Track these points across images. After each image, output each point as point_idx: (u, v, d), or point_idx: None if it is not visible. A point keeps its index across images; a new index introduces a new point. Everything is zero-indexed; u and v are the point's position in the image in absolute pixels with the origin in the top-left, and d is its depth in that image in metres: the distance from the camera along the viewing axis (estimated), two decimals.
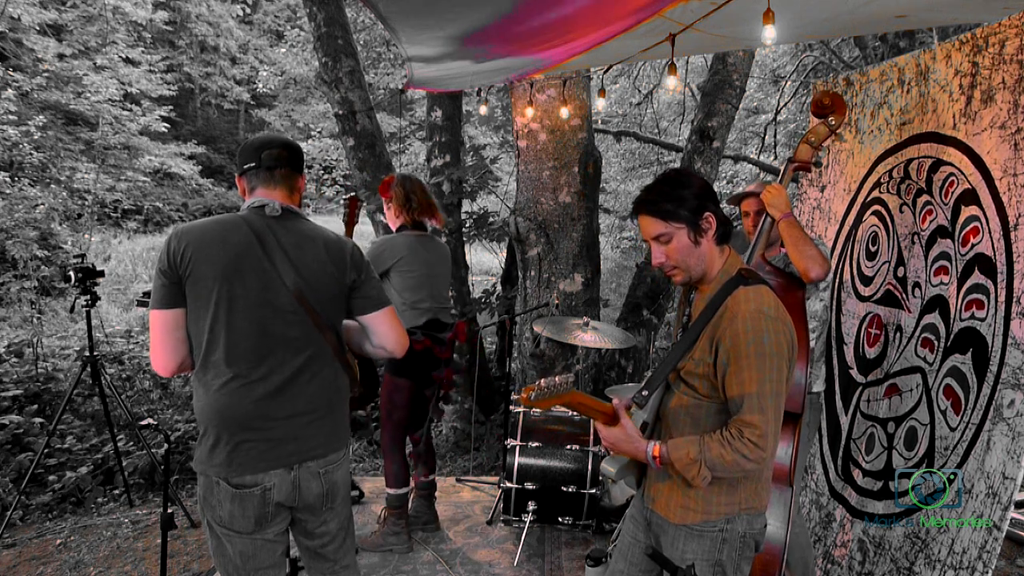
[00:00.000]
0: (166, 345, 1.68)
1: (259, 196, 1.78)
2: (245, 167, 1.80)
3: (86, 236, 10.15)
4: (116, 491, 4.01)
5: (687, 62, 7.88)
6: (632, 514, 1.79)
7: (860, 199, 2.92)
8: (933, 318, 2.35)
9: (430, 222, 3.18)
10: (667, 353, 1.66)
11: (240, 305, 1.68)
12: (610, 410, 1.61)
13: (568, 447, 3.29)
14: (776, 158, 8.95)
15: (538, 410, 3.47)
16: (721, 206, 1.64)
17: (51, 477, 3.93)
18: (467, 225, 6.10)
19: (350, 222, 3.09)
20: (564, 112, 4.02)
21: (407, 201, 3.08)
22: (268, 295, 1.71)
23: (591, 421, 3.26)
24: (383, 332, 1.89)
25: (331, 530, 1.90)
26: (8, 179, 9.26)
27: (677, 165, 6.09)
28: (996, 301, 2.07)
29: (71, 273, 3.40)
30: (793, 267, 2.32)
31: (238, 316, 1.68)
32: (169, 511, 2.52)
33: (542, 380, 1.50)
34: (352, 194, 3.34)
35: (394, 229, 3.15)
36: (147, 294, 2.57)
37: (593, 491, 3.25)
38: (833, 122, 2.21)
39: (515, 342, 4.75)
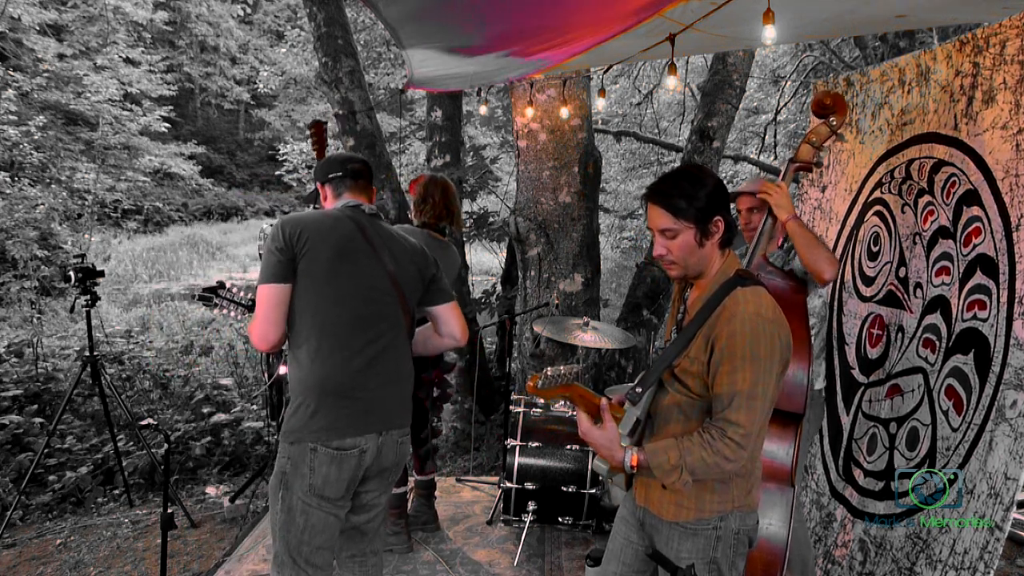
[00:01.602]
0: (271, 318, 1.85)
1: (348, 198, 2.04)
2: (331, 176, 2.06)
3: (86, 236, 10.14)
4: (116, 491, 4.01)
5: (687, 62, 7.88)
6: (624, 515, 1.79)
7: (861, 199, 2.92)
8: (935, 318, 2.35)
9: (449, 227, 3.20)
10: (662, 351, 1.66)
11: (348, 284, 1.89)
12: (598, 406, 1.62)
13: (568, 447, 3.28)
14: (776, 158, 8.95)
15: (539, 409, 3.47)
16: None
17: (51, 477, 3.93)
18: (467, 225, 6.10)
19: (320, 149, 3.13)
20: (564, 112, 4.01)
21: (423, 202, 3.13)
22: (370, 277, 1.94)
23: None
24: (452, 321, 2.14)
25: (382, 502, 2.09)
26: (8, 179, 9.25)
27: (678, 165, 6.08)
28: (998, 302, 2.07)
29: (71, 273, 3.40)
30: (793, 265, 2.32)
31: (346, 293, 1.89)
32: (169, 511, 2.53)
33: (548, 369, 1.52)
34: (316, 119, 3.35)
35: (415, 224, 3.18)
36: (207, 289, 2.63)
37: (593, 491, 3.24)
38: (834, 122, 2.20)
39: (515, 342, 4.75)
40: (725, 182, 11.29)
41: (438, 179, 3.19)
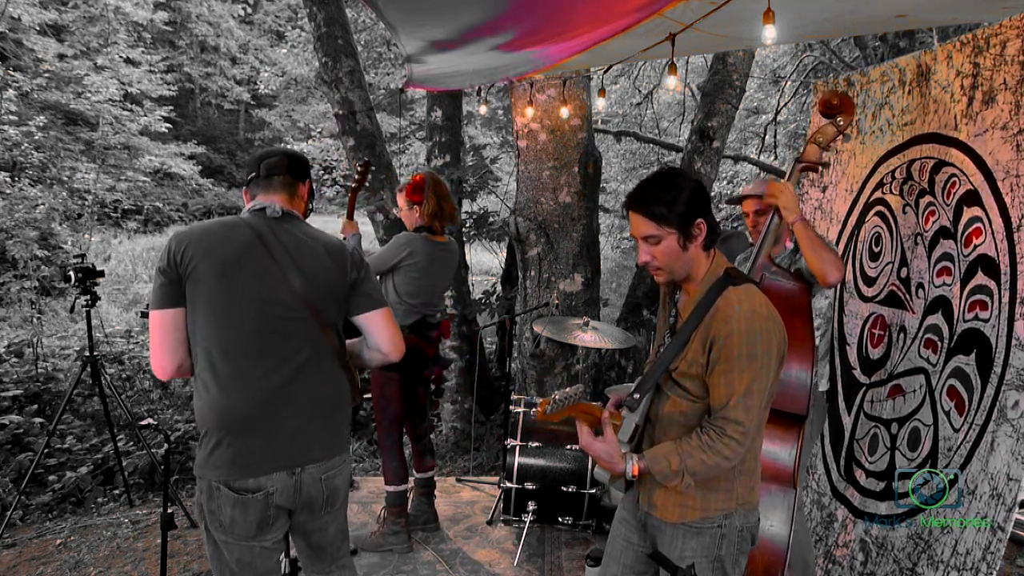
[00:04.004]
0: (165, 346, 1.67)
1: (259, 201, 1.81)
2: (248, 178, 1.85)
3: (86, 236, 10.14)
4: (116, 491, 4.01)
5: (687, 62, 7.88)
6: (624, 516, 1.78)
7: (863, 200, 2.92)
8: (936, 319, 2.35)
9: (443, 224, 3.14)
10: (657, 355, 1.65)
11: (241, 303, 1.67)
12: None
13: (568, 447, 3.28)
14: (776, 158, 8.95)
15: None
16: (721, 206, 1.63)
17: (51, 477, 3.93)
18: (467, 225, 6.09)
19: (357, 188, 3.11)
20: (564, 112, 4.01)
21: (439, 210, 3.05)
22: (270, 292, 1.70)
23: None
24: (379, 331, 1.88)
25: (330, 534, 1.91)
26: (8, 179, 9.24)
27: (677, 165, 6.09)
28: (1000, 302, 2.06)
29: (71, 273, 3.39)
30: (800, 265, 2.31)
31: (239, 314, 1.67)
32: (169, 511, 2.52)
33: (556, 393, 1.53)
34: (366, 160, 3.34)
35: (409, 227, 3.12)
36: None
37: (593, 491, 3.24)
38: (841, 122, 2.20)
39: (515, 342, 4.75)
40: (725, 182, 11.25)
41: (439, 179, 3.12)
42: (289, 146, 16.61)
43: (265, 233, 1.73)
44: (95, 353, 3.63)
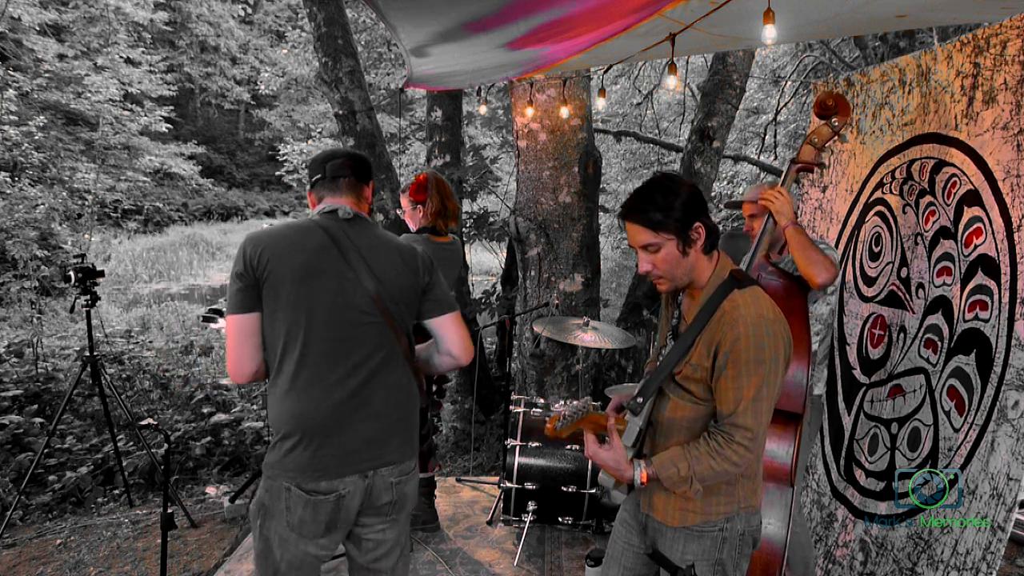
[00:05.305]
0: (243, 350, 1.68)
1: (328, 203, 1.80)
2: (313, 179, 1.84)
3: (86, 236, 10.14)
4: (116, 491, 4.01)
5: (687, 62, 7.89)
6: (624, 518, 1.78)
7: (863, 200, 2.92)
8: (936, 319, 2.35)
9: (447, 224, 3.13)
10: (660, 359, 1.64)
11: (318, 307, 1.68)
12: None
13: (568, 447, 3.28)
14: (776, 158, 8.95)
15: (538, 409, 3.47)
16: (720, 207, 1.62)
17: (51, 477, 3.93)
18: (467, 225, 6.09)
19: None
20: (564, 112, 4.01)
21: (443, 209, 3.05)
22: (345, 297, 1.70)
23: None
24: (451, 336, 1.88)
25: (388, 539, 1.87)
26: (8, 179, 9.25)
27: (677, 165, 6.09)
28: (1000, 302, 2.06)
29: (71, 273, 3.40)
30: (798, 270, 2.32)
31: (316, 318, 1.67)
32: (169, 511, 2.52)
33: (564, 410, 1.51)
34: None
35: (413, 228, 3.12)
36: (212, 310, 2.66)
37: (593, 491, 3.24)
38: (836, 123, 2.20)
39: (515, 342, 4.75)
40: (725, 182, 11.22)
41: (441, 178, 3.12)
42: (289, 146, 16.61)
43: (339, 237, 1.73)
44: (95, 353, 3.63)
